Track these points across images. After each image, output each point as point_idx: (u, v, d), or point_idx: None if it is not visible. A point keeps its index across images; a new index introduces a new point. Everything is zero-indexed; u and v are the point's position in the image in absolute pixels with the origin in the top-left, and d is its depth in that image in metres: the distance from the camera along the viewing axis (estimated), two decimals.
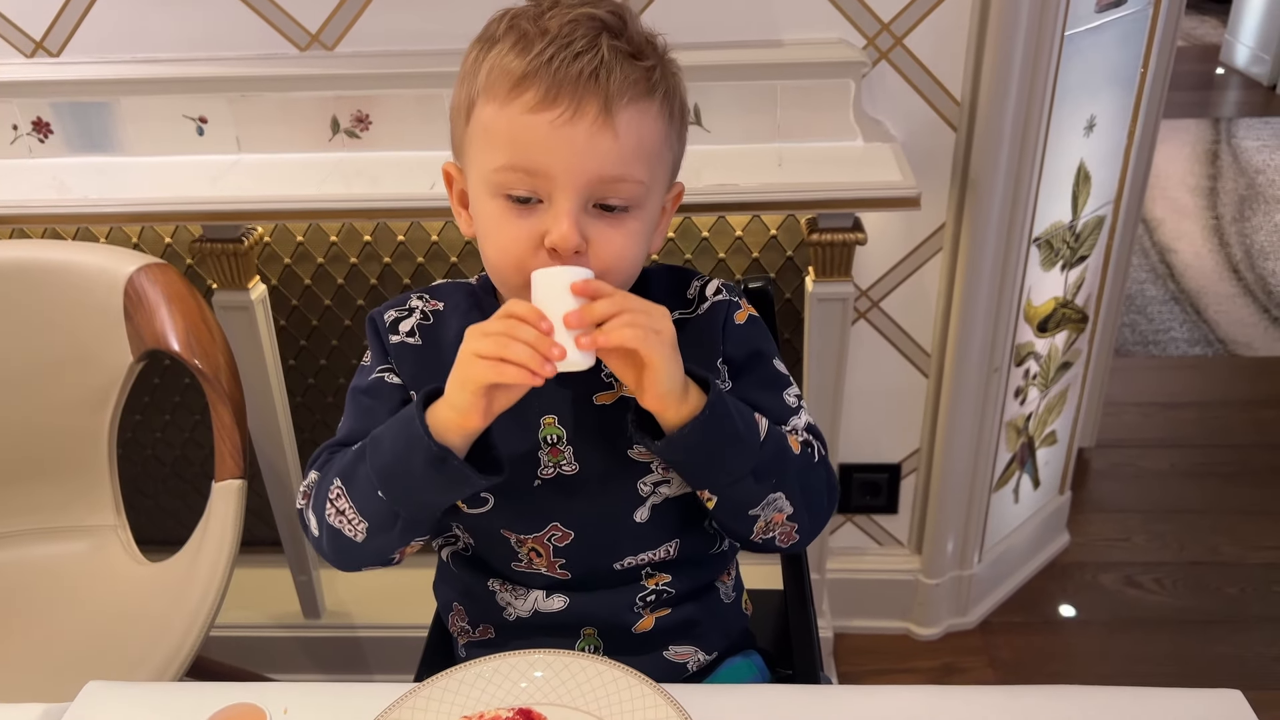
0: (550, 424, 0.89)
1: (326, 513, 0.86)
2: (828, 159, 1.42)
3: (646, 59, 0.80)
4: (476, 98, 0.81)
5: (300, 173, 1.45)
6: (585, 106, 0.77)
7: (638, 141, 0.79)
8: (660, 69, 0.82)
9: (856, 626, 1.89)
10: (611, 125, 0.77)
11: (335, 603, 1.79)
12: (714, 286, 0.93)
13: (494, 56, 0.80)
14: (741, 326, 0.92)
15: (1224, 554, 2.06)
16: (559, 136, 0.77)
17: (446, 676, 0.79)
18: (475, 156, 0.82)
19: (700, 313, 0.91)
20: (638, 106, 0.79)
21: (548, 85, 0.76)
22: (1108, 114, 1.62)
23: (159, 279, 1.29)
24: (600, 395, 0.89)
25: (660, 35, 0.85)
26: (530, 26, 0.79)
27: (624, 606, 0.94)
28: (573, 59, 0.77)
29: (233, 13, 1.43)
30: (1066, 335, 1.79)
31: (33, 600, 1.34)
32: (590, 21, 0.78)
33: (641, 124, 0.80)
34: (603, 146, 0.78)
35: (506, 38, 0.80)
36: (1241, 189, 3.65)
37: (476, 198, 0.84)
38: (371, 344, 0.94)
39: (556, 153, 0.77)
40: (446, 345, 0.90)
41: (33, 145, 1.51)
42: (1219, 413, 2.51)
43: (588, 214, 0.80)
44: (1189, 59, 4.90)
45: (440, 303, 0.93)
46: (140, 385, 1.65)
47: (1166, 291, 3.03)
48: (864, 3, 1.39)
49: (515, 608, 0.94)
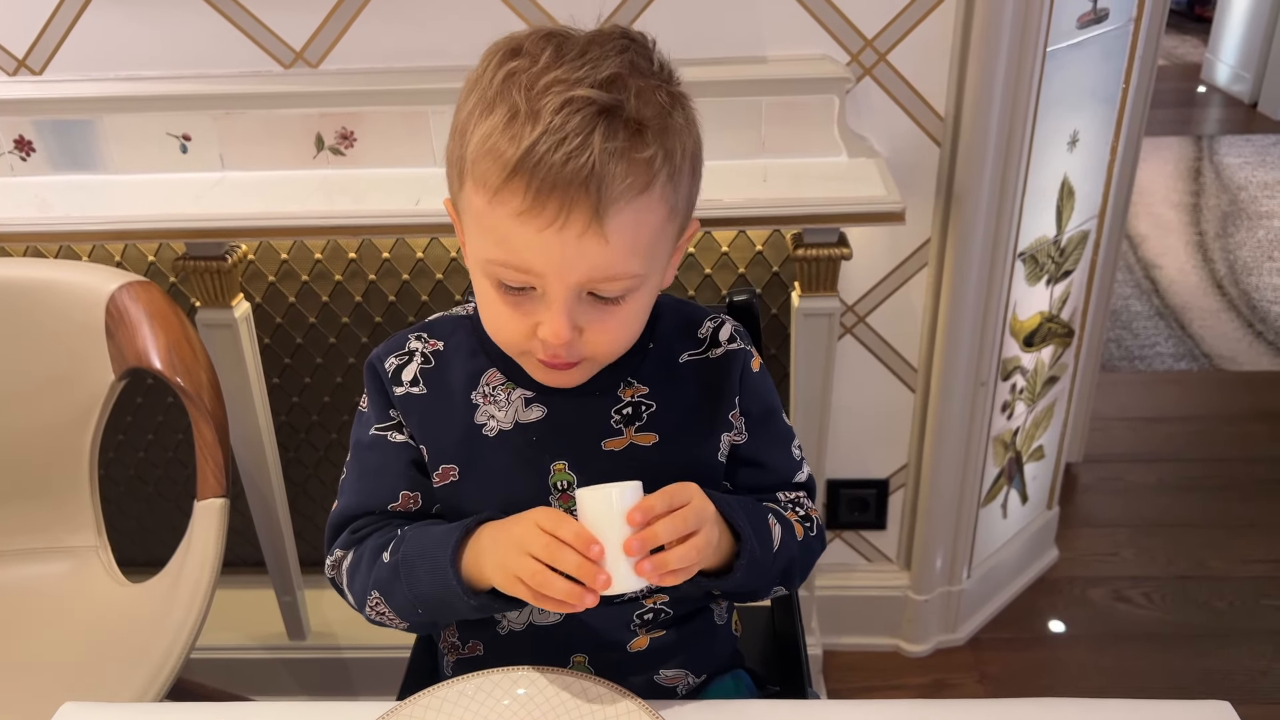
0: (560, 470, 0.88)
1: (368, 612, 0.88)
2: (812, 174, 1.42)
3: (646, 145, 0.73)
4: (467, 171, 0.76)
5: (284, 190, 1.44)
6: (574, 215, 0.72)
7: (632, 241, 0.75)
8: (662, 152, 0.75)
9: (845, 643, 1.88)
10: (602, 232, 0.73)
11: (320, 624, 1.77)
12: (728, 332, 0.92)
13: (486, 126, 0.74)
14: (756, 377, 0.92)
15: (1212, 568, 2.06)
16: (547, 242, 0.73)
17: (429, 694, 0.78)
18: (468, 229, 0.80)
19: (714, 358, 0.91)
20: (633, 206, 0.74)
21: (536, 189, 0.71)
22: (1091, 129, 1.63)
23: (141, 297, 1.28)
24: (610, 441, 0.88)
25: (673, 73, 0.80)
26: (523, 101, 0.72)
27: (620, 624, 0.93)
28: (563, 163, 0.71)
29: (217, 30, 1.43)
30: (1052, 350, 1.79)
31: (12, 621, 1.32)
32: (587, 107, 0.71)
33: (637, 222, 0.75)
34: (593, 252, 0.74)
35: (499, 105, 0.73)
36: (1224, 205, 3.67)
37: (472, 268, 0.82)
38: (371, 393, 0.92)
39: (546, 256, 0.74)
40: (452, 389, 0.89)
41: (14, 164, 1.51)
42: (1205, 427, 2.52)
43: (582, 302, 0.77)
44: (1170, 77, 4.94)
45: (439, 341, 0.91)
46: (122, 405, 1.64)
47: (1151, 307, 3.05)
48: (848, 19, 1.40)
49: (510, 619, 0.93)
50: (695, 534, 0.76)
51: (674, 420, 0.89)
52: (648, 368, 0.89)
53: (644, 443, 0.88)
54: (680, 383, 0.89)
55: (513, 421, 0.88)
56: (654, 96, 0.75)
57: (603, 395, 0.88)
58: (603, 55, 0.74)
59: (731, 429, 0.91)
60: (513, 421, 0.88)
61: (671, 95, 0.77)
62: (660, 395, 0.89)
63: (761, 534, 0.85)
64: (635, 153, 0.73)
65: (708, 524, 0.77)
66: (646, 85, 0.75)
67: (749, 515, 0.85)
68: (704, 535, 0.76)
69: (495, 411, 0.88)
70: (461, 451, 0.89)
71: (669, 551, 0.74)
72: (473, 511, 0.85)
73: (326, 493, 1.75)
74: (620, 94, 0.73)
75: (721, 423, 0.91)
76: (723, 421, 0.91)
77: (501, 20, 1.39)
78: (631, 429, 0.88)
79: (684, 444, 0.89)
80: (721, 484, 0.93)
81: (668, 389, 0.89)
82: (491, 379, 0.88)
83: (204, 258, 1.43)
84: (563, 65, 0.73)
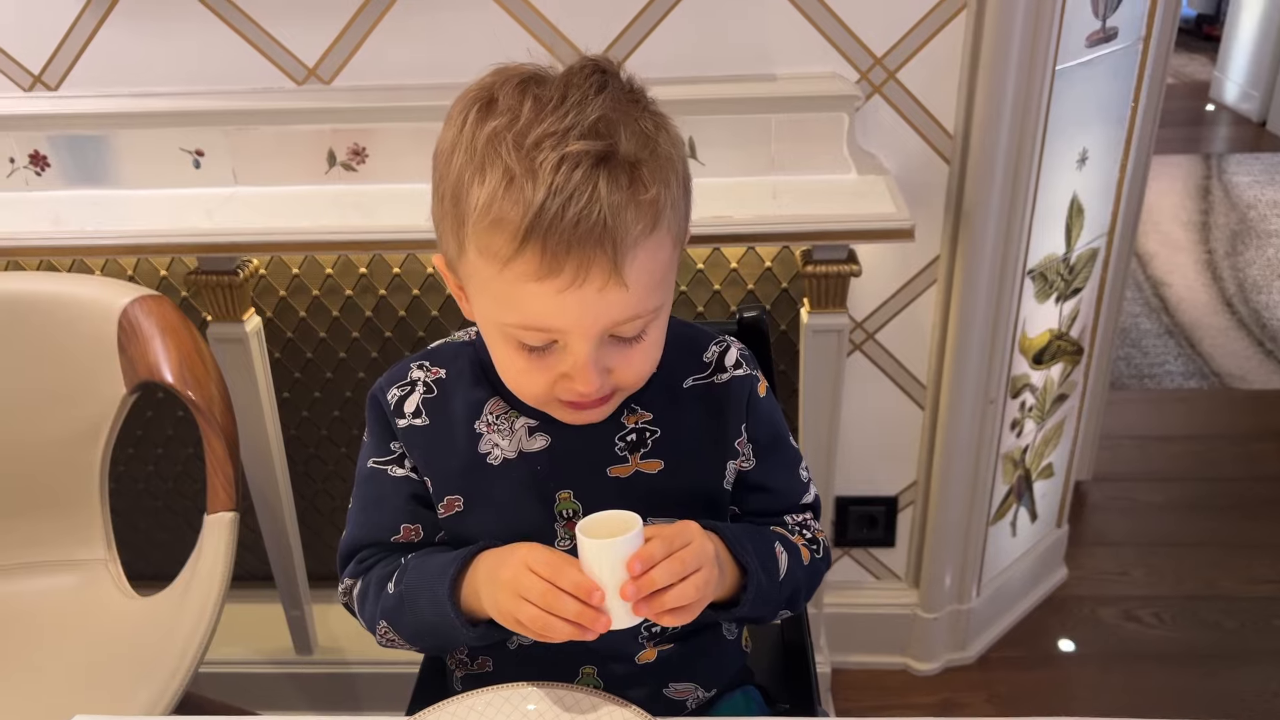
0: (565, 499, 0.88)
1: (379, 638, 0.90)
2: (822, 192, 1.42)
3: (648, 185, 0.72)
4: (469, 240, 0.73)
5: (296, 205, 1.45)
6: (593, 271, 0.71)
7: (649, 280, 0.74)
8: (662, 187, 0.73)
9: (854, 662, 1.87)
10: (622, 281, 0.72)
11: (327, 638, 1.77)
12: (733, 356, 0.91)
13: (483, 194, 0.71)
14: (764, 403, 0.92)
15: (1222, 588, 2.05)
16: (567, 301, 0.72)
17: (438, 709, 0.78)
18: (476, 294, 0.78)
19: (719, 383, 0.90)
20: (645, 248, 0.73)
21: (551, 253, 0.70)
22: (1100, 147, 1.63)
23: (153, 310, 1.29)
24: (615, 468, 0.88)
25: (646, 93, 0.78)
26: (516, 162, 0.70)
27: (629, 636, 0.92)
28: (574, 223, 0.69)
29: (231, 47, 1.44)
30: (1062, 367, 1.79)
31: (21, 634, 1.32)
32: (584, 160, 0.70)
33: (652, 261, 0.74)
34: (615, 301, 0.73)
35: (491, 168, 0.71)
36: (1233, 224, 3.67)
37: (484, 328, 0.81)
38: (373, 424, 0.91)
39: (568, 314, 0.73)
40: (455, 418, 0.88)
41: (29, 178, 1.52)
42: (1214, 446, 2.51)
43: (605, 344, 0.77)
44: (1179, 96, 4.94)
45: (441, 369, 0.90)
46: (132, 419, 1.65)
47: (1161, 325, 3.04)
48: (857, 37, 1.41)
49: (519, 637, 0.92)
50: (695, 573, 0.75)
51: (679, 446, 0.88)
52: (651, 393, 0.87)
53: (649, 470, 0.88)
54: (685, 408, 0.89)
55: (517, 450, 0.87)
56: (639, 127, 0.74)
57: (606, 423, 0.87)
58: (583, 98, 0.72)
59: (738, 456, 0.90)
60: (517, 450, 0.87)
61: (654, 120, 0.76)
62: (664, 421, 0.88)
63: (768, 563, 0.86)
64: (639, 195, 0.72)
65: (708, 563, 0.77)
66: (629, 116, 0.74)
67: (755, 545, 0.86)
68: (704, 574, 0.76)
69: (499, 440, 0.87)
70: (466, 482, 0.88)
71: (666, 592, 0.74)
72: (477, 539, 0.86)
73: (335, 507, 1.76)
74: (611, 136, 0.71)
75: (728, 449, 0.90)
76: (729, 449, 0.90)
77: (512, 37, 1.40)
78: (636, 456, 0.87)
79: (689, 470, 0.89)
80: (728, 509, 0.92)
81: (672, 415, 0.88)
82: (495, 408, 0.88)
83: (215, 272, 1.43)
84: (546, 117, 0.71)
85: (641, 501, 0.87)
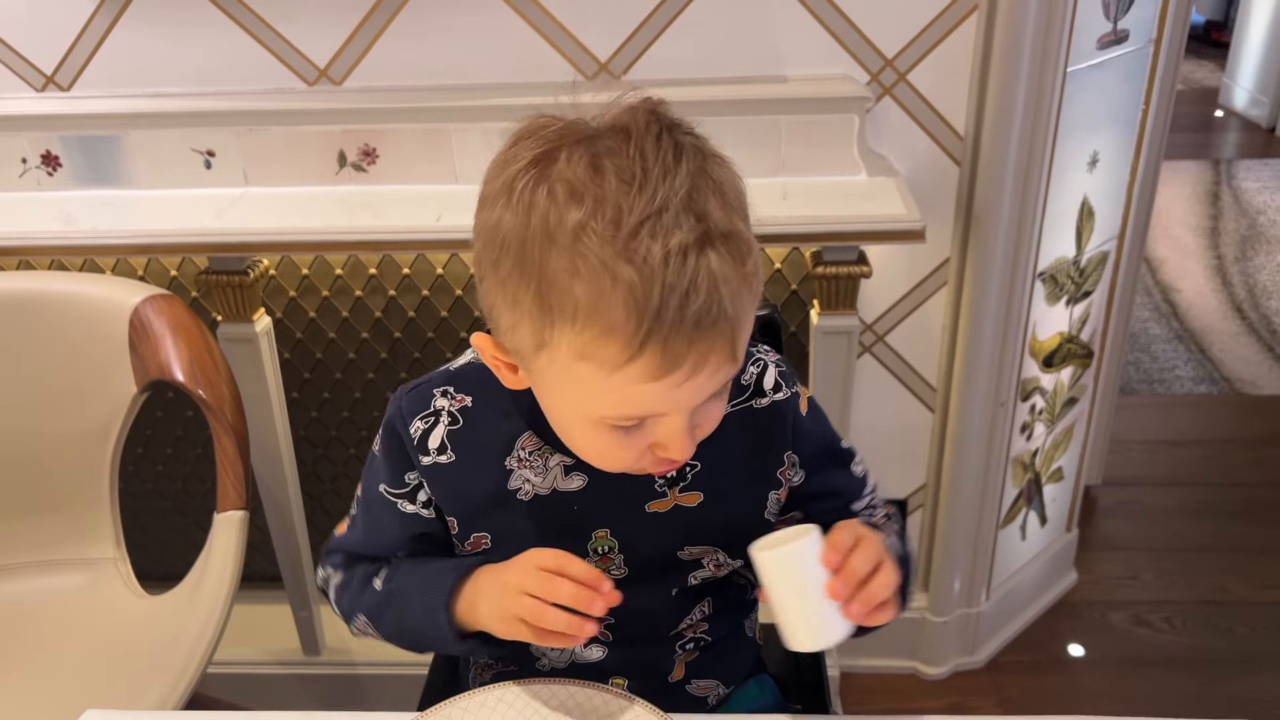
0: (602, 537, 0.85)
1: (353, 629, 0.90)
2: (832, 193, 1.42)
3: (745, 255, 0.67)
4: (558, 340, 0.67)
5: (306, 205, 1.46)
6: (711, 357, 0.66)
7: (745, 340, 0.70)
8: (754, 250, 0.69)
9: (863, 666, 1.86)
10: (735, 356, 0.68)
11: (336, 639, 1.77)
12: (772, 378, 0.86)
13: (583, 296, 0.64)
14: (808, 421, 0.88)
15: (1233, 593, 2.04)
16: (681, 391, 0.68)
17: (450, 705, 0.78)
18: (558, 388, 0.72)
19: (759, 407, 0.86)
20: (751, 315, 0.69)
21: (671, 352, 0.65)
22: (1110, 150, 1.63)
23: (164, 310, 1.29)
24: (653, 504, 0.84)
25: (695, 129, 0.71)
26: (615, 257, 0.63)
27: (664, 656, 0.91)
28: (695, 320, 0.64)
29: (242, 48, 1.45)
30: (1072, 371, 1.79)
31: (31, 632, 1.32)
32: (690, 247, 0.64)
33: (751, 324, 0.70)
34: (724, 375, 0.70)
35: (587, 265, 0.64)
36: (1243, 229, 3.66)
37: (562, 413, 0.75)
38: (389, 452, 0.85)
39: (677, 400, 0.69)
40: (484, 452, 0.83)
41: (41, 178, 1.52)
42: (1224, 451, 2.50)
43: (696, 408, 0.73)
44: (1188, 102, 4.93)
45: (468, 396, 0.84)
46: (142, 419, 1.65)
47: (1170, 330, 3.03)
48: (867, 39, 1.41)
49: (551, 659, 0.91)
50: (883, 562, 0.73)
51: (719, 477, 0.85)
52: None
53: (688, 503, 0.85)
54: (724, 437, 0.81)
55: (550, 489, 0.83)
56: (709, 176, 0.67)
57: None
58: (665, 169, 0.65)
59: (780, 485, 0.87)
60: (550, 489, 0.83)
61: (718, 164, 0.69)
62: (704, 452, 0.80)
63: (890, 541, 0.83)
64: (742, 268, 0.67)
65: (887, 553, 0.74)
66: (703, 174, 0.67)
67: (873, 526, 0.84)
68: (889, 563, 0.73)
69: (531, 477, 0.83)
70: (493, 519, 0.85)
71: (872, 583, 0.72)
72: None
73: (343, 508, 1.74)
74: (703, 209, 0.65)
75: (770, 480, 0.87)
76: (771, 479, 0.87)
77: (524, 39, 1.40)
78: (675, 489, 0.84)
79: (730, 501, 0.86)
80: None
81: (711, 445, 0.80)
82: (527, 444, 0.82)
83: (226, 272, 1.44)
84: (635, 198, 0.64)
85: (680, 534, 0.85)
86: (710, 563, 0.88)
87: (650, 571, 0.86)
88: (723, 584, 0.91)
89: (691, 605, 0.91)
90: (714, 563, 0.88)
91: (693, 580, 0.88)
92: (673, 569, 0.87)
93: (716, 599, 0.92)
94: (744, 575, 0.94)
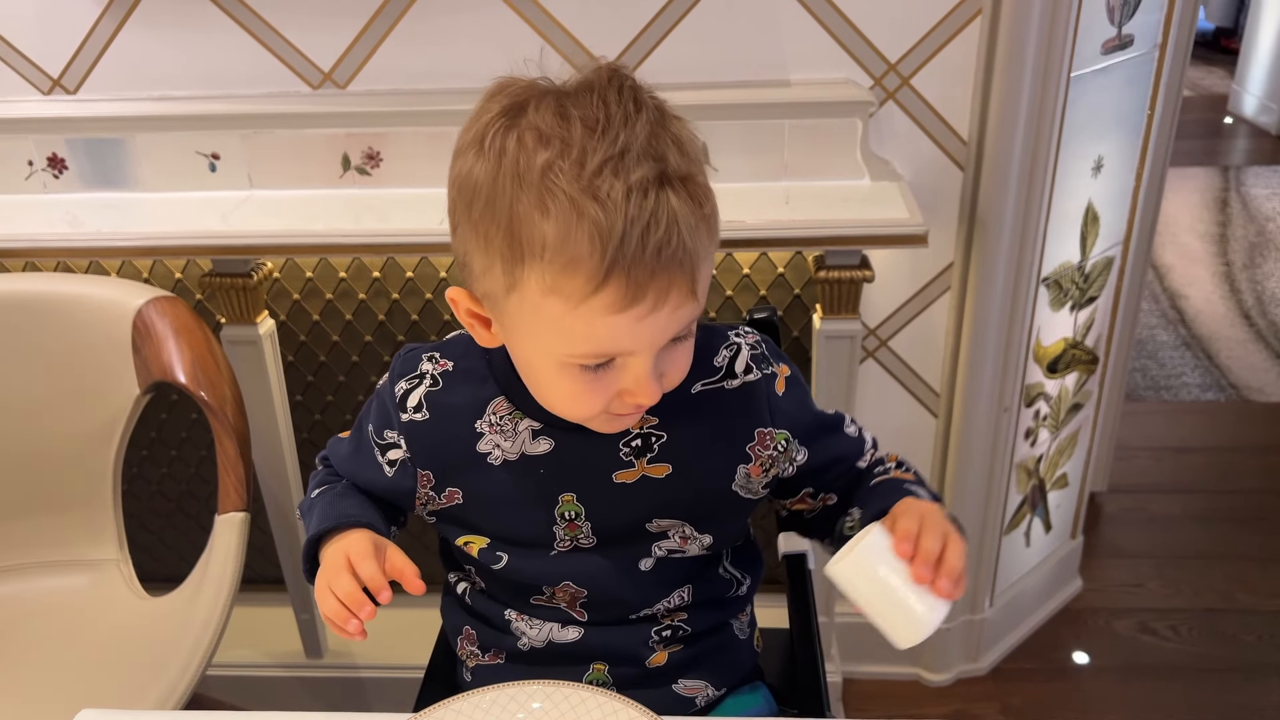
0: (569, 501, 0.87)
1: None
2: (835, 197, 1.42)
3: (704, 197, 0.72)
4: (527, 277, 0.70)
5: (311, 208, 1.46)
6: (672, 292, 0.70)
7: (706, 283, 0.75)
8: (711, 193, 0.73)
9: (866, 671, 1.86)
10: (695, 295, 0.73)
11: (337, 642, 1.77)
12: (744, 360, 0.88)
13: (549, 231, 0.68)
14: (785, 399, 0.89)
15: (1239, 601, 2.03)
16: (644, 324, 0.71)
17: (442, 708, 0.78)
18: (525, 331, 0.76)
19: (730, 388, 0.88)
20: (711, 258, 0.74)
21: (634, 284, 0.69)
22: (1115, 155, 1.63)
23: (168, 312, 1.29)
24: (621, 474, 0.87)
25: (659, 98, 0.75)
26: (580, 193, 0.67)
27: (639, 641, 0.93)
28: (656, 252, 0.68)
29: (247, 52, 1.45)
30: (1077, 377, 1.78)
31: (32, 632, 1.33)
32: (649, 185, 0.68)
33: (711, 266, 0.75)
34: (686, 314, 0.73)
35: (554, 202, 0.68)
36: (1251, 236, 3.65)
37: (530, 359, 0.79)
38: (380, 403, 0.91)
39: (641, 337, 0.72)
40: (456, 414, 0.87)
41: (47, 181, 1.53)
42: (1231, 458, 2.48)
43: (660, 351, 0.76)
44: (1197, 108, 4.92)
45: (450, 362, 0.89)
46: (146, 421, 1.66)
47: (1178, 337, 3.02)
48: (871, 43, 1.41)
49: (530, 637, 0.93)
50: (949, 534, 0.75)
51: (687, 451, 0.87)
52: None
53: (656, 475, 0.87)
54: (692, 413, 0.87)
55: (519, 453, 0.86)
56: (668, 129, 0.72)
57: None
58: (626, 115, 0.70)
59: (750, 460, 0.88)
60: (519, 453, 0.86)
61: (677, 122, 0.74)
62: (671, 426, 0.86)
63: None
64: (702, 210, 0.72)
65: (948, 523, 0.76)
66: (662, 126, 0.72)
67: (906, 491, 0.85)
68: (954, 533, 0.76)
69: (501, 441, 0.86)
70: (464, 478, 0.88)
71: (948, 557, 0.73)
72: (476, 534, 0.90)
73: None
74: (662, 153, 0.70)
75: (739, 453, 0.88)
76: (740, 452, 0.88)
77: (526, 43, 1.41)
78: (643, 461, 0.86)
79: (698, 474, 0.87)
80: (741, 508, 0.91)
81: (679, 420, 0.87)
82: (498, 408, 0.86)
83: (230, 275, 1.44)
84: (599, 141, 0.69)
85: (647, 505, 0.87)
86: (676, 534, 0.89)
87: (617, 542, 0.89)
88: (702, 571, 0.93)
89: (666, 589, 0.92)
90: (680, 535, 0.89)
91: (658, 551, 0.90)
92: (639, 539, 0.89)
93: (696, 587, 0.93)
94: (730, 571, 0.95)
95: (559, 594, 0.91)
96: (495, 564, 0.90)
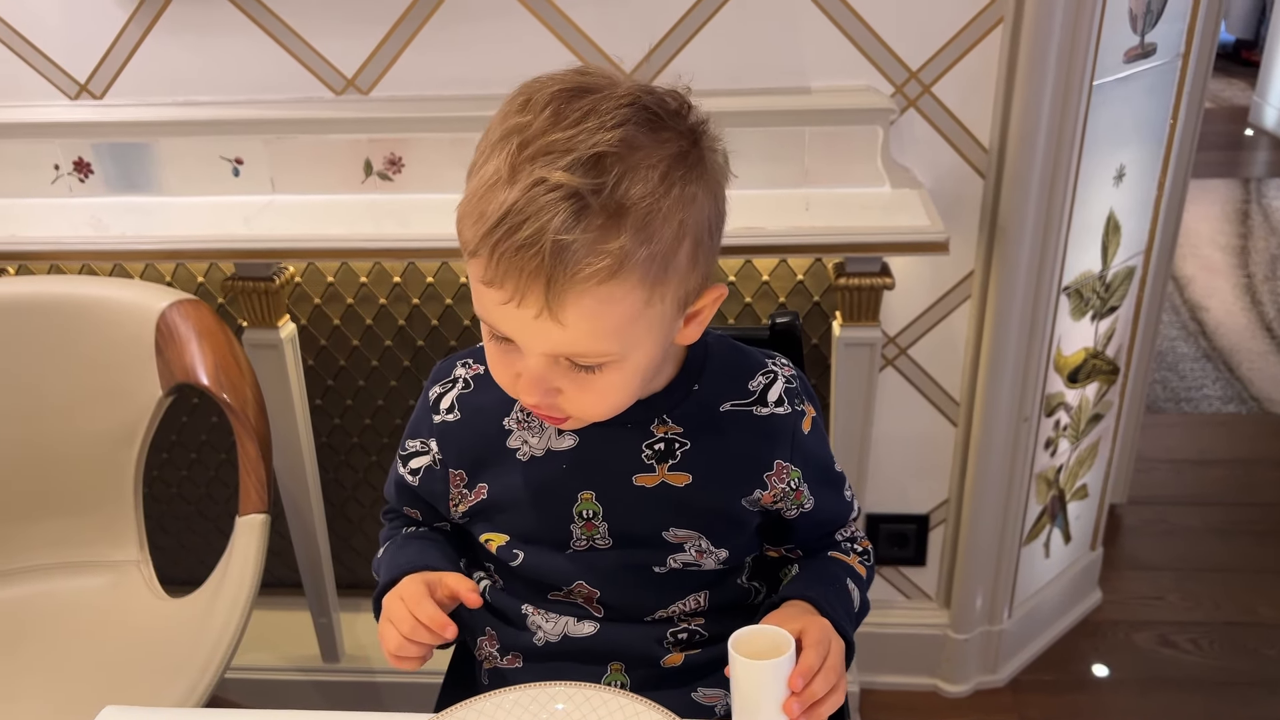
0: (587, 499, 0.88)
1: None
2: (855, 204, 1.42)
3: (618, 234, 0.69)
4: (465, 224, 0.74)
5: (332, 213, 1.47)
6: (528, 296, 0.70)
7: (593, 326, 0.72)
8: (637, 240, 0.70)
9: (882, 682, 1.85)
10: (556, 317, 0.71)
11: (354, 646, 1.77)
12: (777, 392, 0.89)
13: (477, 182, 0.72)
14: (809, 439, 0.90)
15: (1261, 614, 2.01)
16: (508, 314, 0.72)
17: (464, 708, 0.78)
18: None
19: (759, 415, 0.88)
20: (594, 294, 0.70)
21: (497, 265, 0.70)
22: (1137, 165, 1.62)
23: (190, 314, 1.30)
24: (641, 477, 0.87)
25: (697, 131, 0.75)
26: (507, 166, 0.70)
27: (654, 640, 0.93)
28: (519, 246, 0.68)
29: (271, 57, 1.46)
30: (1097, 387, 1.77)
31: (53, 633, 1.34)
32: (556, 190, 0.68)
33: (600, 308, 0.71)
34: (551, 332, 0.72)
35: (491, 161, 0.71)
36: (1273, 248, 3.62)
37: None
38: (420, 409, 0.95)
39: (508, 326, 0.74)
40: (486, 412, 0.90)
41: (73, 185, 1.55)
42: (1252, 471, 2.46)
43: (559, 365, 0.76)
44: (1218, 120, 4.90)
45: (482, 366, 0.91)
46: (167, 424, 1.67)
47: (1198, 349, 3.00)
48: (892, 51, 1.41)
49: (546, 631, 0.94)
50: (839, 685, 0.79)
51: (709, 464, 0.88)
52: (687, 409, 0.87)
53: (676, 483, 0.87)
54: (719, 430, 0.88)
55: (545, 449, 0.88)
56: (648, 175, 0.70)
57: (634, 428, 0.87)
58: (600, 126, 0.69)
59: (765, 489, 0.89)
60: (545, 449, 0.88)
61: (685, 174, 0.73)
62: (695, 437, 0.87)
63: (849, 609, 0.90)
64: (602, 243, 0.69)
65: (844, 674, 0.80)
66: (643, 162, 0.70)
67: (838, 599, 0.89)
68: (843, 685, 0.79)
69: (529, 437, 0.89)
70: (491, 473, 0.90)
71: (824, 704, 0.77)
72: (498, 530, 0.91)
73: (365, 515, 1.76)
74: (600, 176, 0.68)
75: (757, 480, 0.89)
76: (757, 477, 0.89)
77: (548, 50, 1.41)
78: (664, 466, 0.87)
79: (717, 490, 0.88)
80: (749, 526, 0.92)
81: (704, 433, 0.87)
82: None
83: (252, 278, 1.45)
84: (556, 132, 0.69)
85: (665, 513, 0.88)
86: (693, 548, 0.90)
87: (632, 546, 0.90)
88: (720, 579, 0.93)
89: (681, 592, 0.92)
90: (696, 549, 0.90)
91: (673, 563, 0.90)
92: (656, 547, 0.90)
93: (713, 593, 0.93)
94: (748, 582, 0.96)
95: (575, 591, 0.92)
96: (512, 560, 0.92)
